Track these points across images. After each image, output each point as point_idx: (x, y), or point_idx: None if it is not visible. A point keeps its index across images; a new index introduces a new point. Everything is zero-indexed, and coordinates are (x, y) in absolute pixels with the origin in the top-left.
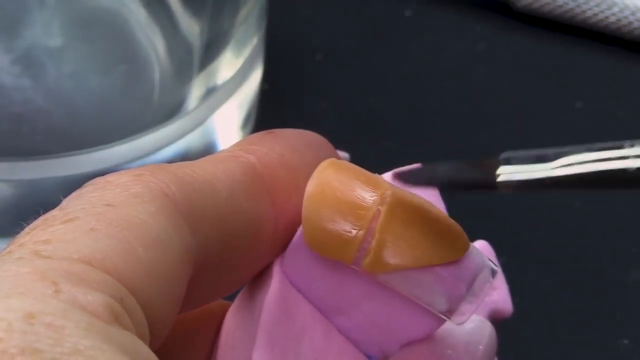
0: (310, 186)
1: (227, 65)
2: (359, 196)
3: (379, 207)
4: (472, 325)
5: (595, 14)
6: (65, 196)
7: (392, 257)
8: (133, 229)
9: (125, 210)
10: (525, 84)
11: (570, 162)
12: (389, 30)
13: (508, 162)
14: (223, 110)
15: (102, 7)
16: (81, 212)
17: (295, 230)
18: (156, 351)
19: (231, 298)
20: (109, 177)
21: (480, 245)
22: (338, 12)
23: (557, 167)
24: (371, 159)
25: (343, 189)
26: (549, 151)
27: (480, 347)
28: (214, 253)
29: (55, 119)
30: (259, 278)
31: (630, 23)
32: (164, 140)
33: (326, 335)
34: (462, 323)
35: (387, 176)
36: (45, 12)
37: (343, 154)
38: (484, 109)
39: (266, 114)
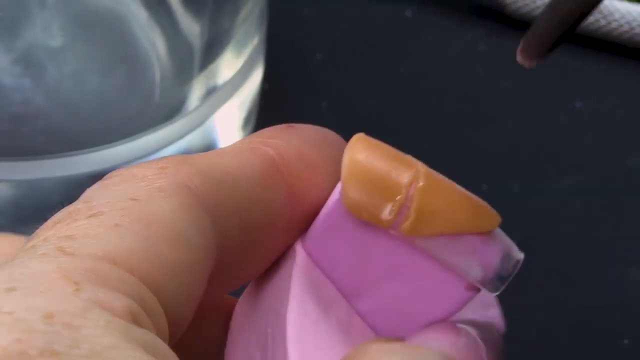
0: (351, 151)
1: (227, 65)
2: (397, 164)
3: (416, 176)
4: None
5: (596, 21)
6: (65, 196)
7: (430, 221)
8: (157, 226)
9: (150, 205)
10: (525, 84)
11: None
12: (389, 30)
13: None
14: (223, 110)
15: (103, 7)
16: (106, 206)
17: (310, 224)
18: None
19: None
20: (133, 170)
21: None
22: (338, 12)
23: None
24: None
25: (384, 155)
26: None
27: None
28: (231, 247)
29: (55, 119)
30: (276, 262)
31: (633, 29)
32: (164, 140)
33: (349, 313)
34: (496, 293)
35: None
36: (45, 12)
37: None
38: (484, 109)
39: (267, 114)
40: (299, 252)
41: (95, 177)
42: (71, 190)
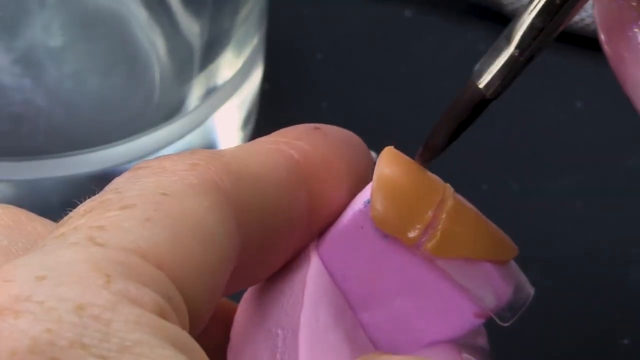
0: (383, 163)
1: (227, 65)
2: (426, 182)
3: (445, 196)
4: None
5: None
6: (65, 196)
7: (453, 243)
8: (187, 223)
9: (181, 201)
10: (525, 84)
11: (522, 30)
12: (389, 31)
13: (480, 73)
14: (223, 110)
15: (103, 7)
16: (138, 198)
17: (326, 229)
18: None
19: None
20: (164, 162)
21: None
22: (338, 12)
23: (515, 41)
24: None
25: (414, 171)
26: (501, 38)
27: None
28: (251, 250)
29: (55, 119)
30: (288, 264)
31: None
32: (164, 140)
33: (354, 324)
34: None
35: None
36: (45, 12)
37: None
38: None
39: (266, 114)
40: (313, 258)
41: (95, 177)
42: (71, 190)
